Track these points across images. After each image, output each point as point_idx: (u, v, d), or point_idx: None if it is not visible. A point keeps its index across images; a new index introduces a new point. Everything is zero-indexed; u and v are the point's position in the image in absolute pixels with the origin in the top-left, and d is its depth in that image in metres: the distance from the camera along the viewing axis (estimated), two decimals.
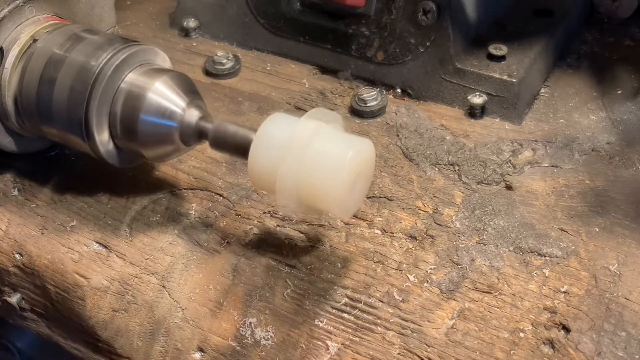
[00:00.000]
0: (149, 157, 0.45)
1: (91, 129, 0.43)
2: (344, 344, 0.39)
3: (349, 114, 0.56)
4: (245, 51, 0.64)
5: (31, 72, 0.46)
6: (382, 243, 0.44)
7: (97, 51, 0.44)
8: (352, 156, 0.36)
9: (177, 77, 0.44)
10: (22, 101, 0.46)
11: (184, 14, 0.66)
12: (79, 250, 0.46)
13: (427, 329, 0.39)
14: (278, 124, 0.38)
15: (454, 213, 0.45)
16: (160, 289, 0.44)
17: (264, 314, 0.41)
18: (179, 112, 0.43)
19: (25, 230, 0.48)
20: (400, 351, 0.38)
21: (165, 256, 0.45)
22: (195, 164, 0.51)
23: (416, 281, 0.41)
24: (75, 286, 0.46)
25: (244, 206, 0.47)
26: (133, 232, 0.47)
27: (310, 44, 0.61)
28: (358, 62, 0.59)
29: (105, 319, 0.45)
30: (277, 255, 0.44)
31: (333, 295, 0.41)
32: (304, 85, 0.59)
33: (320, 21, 0.60)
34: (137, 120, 0.43)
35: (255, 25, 0.63)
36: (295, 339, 0.40)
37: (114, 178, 0.51)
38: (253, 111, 0.56)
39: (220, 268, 0.44)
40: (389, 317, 0.40)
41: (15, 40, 0.47)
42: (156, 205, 0.48)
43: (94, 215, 0.48)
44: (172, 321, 0.43)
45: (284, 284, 0.42)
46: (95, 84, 0.43)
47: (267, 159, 0.38)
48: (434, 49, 0.55)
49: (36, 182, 0.52)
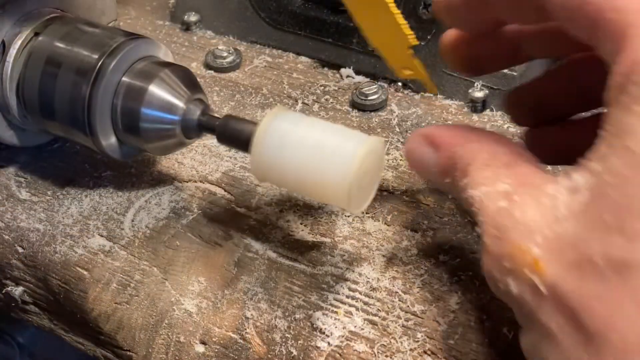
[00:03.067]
0: (151, 150, 0.45)
1: (93, 123, 0.44)
2: (346, 337, 0.39)
3: (349, 107, 0.56)
4: (247, 45, 0.64)
5: (33, 65, 0.46)
6: (384, 237, 0.44)
7: (99, 45, 0.44)
8: (360, 150, 0.36)
9: (178, 70, 0.44)
10: (24, 95, 0.46)
11: (184, 8, 0.66)
12: (82, 243, 0.47)
13: (430, 322, 0.39)
14: (281, 118, 0.38)
15: (454, 206, 0.45)
16: (162, 282, 0.44)
17: (266, 307, 0.41)
18: (180, 105, 0.43)
19: (27, 223, 0.48)
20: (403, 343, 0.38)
21: (167, 249, 0.45)
22: (197, 157, 0.51)
23: (419, 272, 0.41)
24: (78, 279, 0.46)
25: (246, 200, 0.48)
26: (135, 225, 0.47)
27: (311, 37, 0.61)
28: (359, 56, 0.59)
29: (107, 311, 0.45)
30: (280, 248, 0.44)
31: (335, 289, 0.41)
32: (305, 79, 0.59)
33: (322, 15, 0.60)
34: (139, 113, 0.43)
35: (256, 18, 0.63)
36: (297, 331, 0.40)
37: (116, 171, 0.51)
38: (254, 105, 0.57)
39: (223, 261, 0.44)
40: (392, 308, 0.40)
41: (17, 33, 0.47)
42: (159, 198, 0.48)
43: (96, 209, 0.48)
44: (175, 314, 0.43)
45: (286, 277, 0.42)
46: (97, 78, 0.43)
47: (271, 151, 0.38)
48: (435, 42, 0.55)
49: (38, 176, 0.52)
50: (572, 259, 0.25)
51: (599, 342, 0.24)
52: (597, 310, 0.24)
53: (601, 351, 0.24)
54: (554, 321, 0.26)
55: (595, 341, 0.24)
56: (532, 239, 0.27)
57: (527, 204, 0.28)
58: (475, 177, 0.32)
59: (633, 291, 0.23)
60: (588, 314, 0.24)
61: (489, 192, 0.31)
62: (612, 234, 0.24)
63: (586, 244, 0.25)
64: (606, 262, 0.24)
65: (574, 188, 0.27)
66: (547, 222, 0.27)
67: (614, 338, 0.24)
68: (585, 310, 0.24)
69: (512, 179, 0.31)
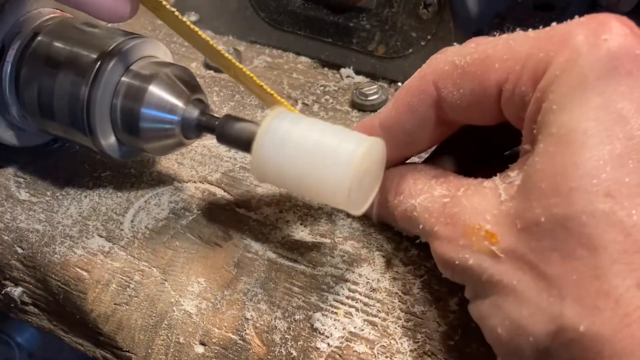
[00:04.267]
0: (150, 150, 0.45)
1: (92, 123, 0.43)
2: (346, 337, 0.39)
3: (349, 107, 0.56)
4: (247, 45, 0.64)
5: (33, 65, 0.46)
6: (384, 237, 0.44)
7: (98, 44, 0.44)
8: (360, 150, 0.36)
9: (178, 70, 0.44)
10: (24, 95, 0.46)
11: (184, 7, 0.66)
12: (81, 243, 0.46)
13: (430, 322, 0.39)
14: (281, 119, 0.38)
15: None
16: (162, 283, 0.44)
17: (266, 308, 0.41)
18: (180, 105, 0.43)
19: (27, 224, 0.48)
20: (403, 344, 0.38)
21: (167, 250, 0.45)
22: (197, 157, 0.51)
23: (419, 273, 0.41)
24: (77, 280, 0.46)
25: (246, 200, 0.47)
26: (135, 225, 0.47)
27: (311, 37, 0.61)
28: (359, 56, 0.59)
29: (106, 312, 0.45)
30: (279, 249, 0.44)
31: (335, 289, 0.41)
32: (305, 79, 0.59)
33: (321, 15, 0.59)
34: (138, 113, 0.43)
35: (256, 18, 0.63)
36: (297, 332, 0.40)
37: (116, 172, 0.51)
38: (254, 105, 0.56)
39: (222, 262, 0.44)
40: (392, 309, 0.40)
41: (17, 33, 0.47)
42: (158, 199, 0.48)
43: (95, 209, 0.48)
44: (174, 315, 0.43)
45: (286, 278, 0.42)
46: (96, 78, 0.43)
47: (271, 153, 0.37)
48: (435, 42, 0.55)
49: (38, 176, 0.52)
50: (521, 226, 0.30)
51: (560, 283, 0.29)
52: (553, 258, 0.29)
53: (562, 288, 0.29)
54: (515, 278, 0.31)
55: (555, 283, 0.29)
56: (481, 218, 0.32)
57: (470, 195, 0.34)
58: (410, 191, 0.38)
59: (579, 237, 0.28)
60: (545, 263, 0.29)
61: (428, 197, 0.37)
62: (550, 197, 0.29)
63: (530, 212, 0.30)
64: (551, 219, 0.29)
65: (508, 180, 0.32)
66: (493, 205, 0.32)
67: (570, 277, 0.28)
68: (542, 261, 0.29)
69: (446, 185, 0.36)
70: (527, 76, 0.32)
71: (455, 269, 0.34)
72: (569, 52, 0.30)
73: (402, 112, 0.38)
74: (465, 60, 0.35)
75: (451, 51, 0.36)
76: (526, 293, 0.30)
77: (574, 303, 0.28)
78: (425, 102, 0.37)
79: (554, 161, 0.29)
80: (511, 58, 0.33)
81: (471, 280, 0.33)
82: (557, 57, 0.31)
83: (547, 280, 0.29)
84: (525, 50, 0.32)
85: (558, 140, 0.29)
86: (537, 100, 0.31)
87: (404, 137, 0.39)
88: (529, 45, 0.32)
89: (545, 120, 0.30)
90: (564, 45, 0.31)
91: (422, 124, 0.38)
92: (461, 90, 0.35)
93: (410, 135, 0.39)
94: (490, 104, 0.34)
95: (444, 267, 0.35)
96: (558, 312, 0.29)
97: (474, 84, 0.34)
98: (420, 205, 0.37)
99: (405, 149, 0.40)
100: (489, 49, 0.34)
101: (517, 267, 0.31)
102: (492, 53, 0.34)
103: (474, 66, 0.34)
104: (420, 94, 0.37)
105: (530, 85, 0.32)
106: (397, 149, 0.40)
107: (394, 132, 0.39)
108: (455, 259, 0.34)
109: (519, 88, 0.32)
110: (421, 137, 0.39)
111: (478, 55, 0.34)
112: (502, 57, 0.33)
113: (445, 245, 0.34)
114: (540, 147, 0.30)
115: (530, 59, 0.32)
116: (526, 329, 0.30)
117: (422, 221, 0.36)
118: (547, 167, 0.30)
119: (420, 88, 0.37)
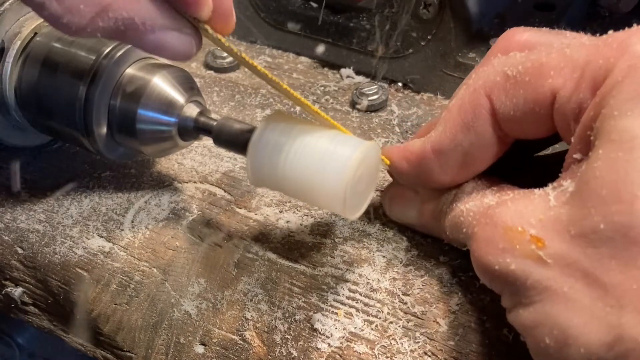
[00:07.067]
0: (147, 152, 0.45)
1: (90, 124, 0.43)
2: (346, 338, 0.39)
3: (349, 107, 0.56)
4: (247, 45, 0.64)
5: (31, 66, 0.46)
6: (384, 238, 0.44)
7: (97, 45, 0.44)
8: (355, 156, 0.36)
9: (175, 72, 0.44)
10: (23, 95, 0.46)
11: None
12: (81, 244, 0.46)
13: (430, 323, 0.39)
14: (278, 122, 0.38)
15: None
16: (162, 283, 0.44)
17: (266, 308, 0.41)
18: (177, 107, 0.43)
19: (27, 224, 0.48)
20: (404, 344, 0.38)
21: (167, 250, 0.45)
22: (197, 158, 0.51)
23: (419, 273, 0.41)
24: (77, 280, 0.46)
25: (245, 201, 0.47)
26: (135, 226, 0.47)
27: (311, 37, 0.61)
28: (359, 56, 0.59)
29: (107, 312, 0.45)
30: (280, 249, 0.44)
31: (336, 290, 0.41)
32: (305, 79, 0.59)
33: (322, 15, 0.59)
34: (136, 115, 0.43)
35: (256, 18, 0.63)
36: (297, 333, 0.40)
37: (116, 172, 0.51)
38: (254, 105, 0.56)
39: (222, 262, 0.44)
40: (392, 310, 0.40)
41: (17, 34, 0.47)
42: (158, 199, 0.48)
43: (95, 209, 0.48)
44: (174, 315, 0.43)
45: (286, 278, 0.42)
46: (94, 79, 0.43)
47: (266, 159, 0.37)
48: (435, 42, 0.55)
49: (38, 176, 0.52)
50: (575, 233, 0.29)
51: (618, 292, 0.28)
52: (611, 266, 0.28)
53: (621, 297, 0.28)
54: (565, 285, 0.29)
55: (613, 291, 0.28)
56: (525, 221, 0.31)
57: (517, 199, 0.33)
58: (463, 198, 0.38)
59: None
60: (602, 271, 0.28)
61: (477, 203, 0.36)
62: (610, 205, 0.28)
63: (586, 219, 0.29)
64: (611, 227, 0.28)
65: (560, 188, 0.31)
66: (540, 210, 0.31)
67: (630, 286, 0.27)
68: (598, 269, 0.28)
69: (497, 193, 0.36)
70: (586, 83, 0.31)
71: (495, 274, 0.32)
72: (630, 58, 0.30)
73: (456, 132, 0.37)
74: (518, 70, 0.34)
75: (498, 62, 0.36)
76: (579, 301, 0.29)
77: (634, 313, 0.27)
78: (482, 116, 0.36)
79: (616, 168, 0.28)
80: (568, 65, 0.32)
81: (513, 287, 0.32)
82: (618, 64, 0.30)
83: (603, 288, 0.28)
84: (583, 57, 0.32)
85: (620, 146, 0.28)
86: (596, 106, 0.30)
87: (461, 158, 0.38)
88: (586, 52, 0.32)
89: (605, 127, 0.29)
90: (623, 52, 0.30)
91: (480, 141, 0.37)
92: (514, 100, 0.34)
93: (467, 155, 0.37)
94: (544, 113, 0.34)
95: (483, 273, 0.34)
96: (616, 322, 0.27)
97: (528, 92, 0.34)
98: (467, 210, 0.36)
99: (462, 172, 0.39)
100: (542, 57, 0.33)
101: (568, 274, 0.29)
102: (546, 61, 0.33)
103: (527, 75, 0.34)
104: (474, 109, 0.36)
105: (589, 92, 0.31)
106: (453, 171, 0.38)
107: (450, 154, 0.38)
108: (494, 263, 0.32)
109: (576, 95, 0.32)
110: (479, 156, 0.37)
111: (531, 63, 0.34)
112: (558, 65, 0.32)
113: (483, 248, 0.33)
114: (599, 153, 0.29)
115: (590, 65, 0.31)
116: (578, 339, 0.29)
117: (465, 225, 0.36)
118: (608, 174, 0.28)
119: (473, 103, 0.36)
